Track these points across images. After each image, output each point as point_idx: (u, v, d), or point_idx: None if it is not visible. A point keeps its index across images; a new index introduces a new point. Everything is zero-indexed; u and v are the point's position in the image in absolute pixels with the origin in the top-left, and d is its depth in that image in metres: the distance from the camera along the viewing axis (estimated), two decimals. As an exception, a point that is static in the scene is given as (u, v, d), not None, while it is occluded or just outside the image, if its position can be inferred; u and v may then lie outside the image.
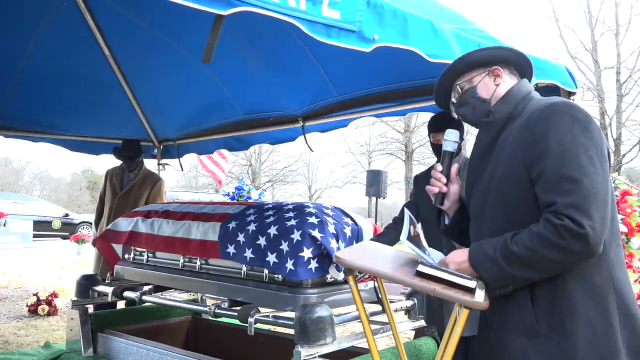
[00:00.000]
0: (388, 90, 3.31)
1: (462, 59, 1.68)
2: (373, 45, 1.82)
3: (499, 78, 1.65)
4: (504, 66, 1.66)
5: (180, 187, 31.89)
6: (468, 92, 1.68)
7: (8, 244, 14.27)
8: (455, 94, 1.71)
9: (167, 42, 3.60)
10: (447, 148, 1.76)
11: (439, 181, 1.74)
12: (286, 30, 2.94)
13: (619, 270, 1.46)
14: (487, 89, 1.66)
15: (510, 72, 1.68)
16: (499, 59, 1.66)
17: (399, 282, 1.49)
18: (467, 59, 1.67)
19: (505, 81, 1.65)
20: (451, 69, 1.70)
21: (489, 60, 1.66)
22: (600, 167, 1.38)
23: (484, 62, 1.66)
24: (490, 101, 1.65)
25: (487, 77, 1.66)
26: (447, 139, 1.77)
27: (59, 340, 4.68)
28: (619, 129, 20.95)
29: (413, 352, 2.49)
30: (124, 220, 3.13)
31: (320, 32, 1.70)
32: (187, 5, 1.42)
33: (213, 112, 4.42)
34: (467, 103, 1.69)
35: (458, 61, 1.69)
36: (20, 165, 38.35)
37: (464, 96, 1.69)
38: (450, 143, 1.76)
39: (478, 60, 1.67)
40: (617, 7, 21.27)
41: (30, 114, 4.31)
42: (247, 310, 2.14)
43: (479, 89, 1.66)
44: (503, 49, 1.68)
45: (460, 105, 1.71)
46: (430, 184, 1.76)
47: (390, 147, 29.11)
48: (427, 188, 1.77)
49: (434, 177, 1.75)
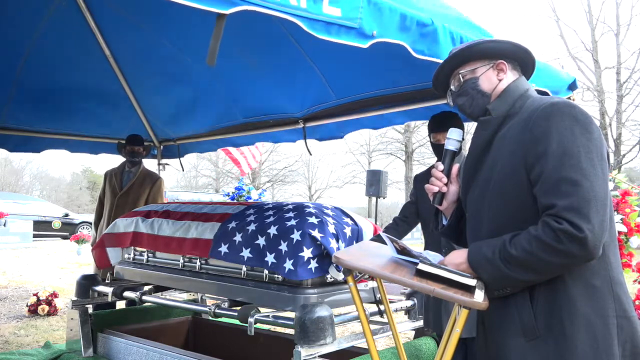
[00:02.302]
0: (386, 94, 3.31)
1: (470, 47, 1.63)
2: (371, 41, 1.81)
3: (502, 73, 1.62)
4: (508, 61, 1.64)
5: (180, 187, 31.89)
6: (469, 82, 1.64)
7: (8, 244, 14.28)
8: (455, 81, 1.68)
9: (167, 43, 3.60)
10: (449, 147, 1.74)
11: (439, 180, 1.71)
12: (283, 33, 2.94)
13: (617, 273, 1.46)
14: (489, 82, 1.62)
15: (513, 68, 1.65)
16: (506, 54, 1.63)
17: (399, 283, 1.49)
18: (474, 48, 1.63)
19: (507, 76, 1.62)
20: (455, 55, 1.65)
21: (495, 53, 1.62)
22: (600, 170, 1.37)
23: (490, 54, 1.63)
24: (490, 96, 1.62)
25: (491, 70, 1.62)
26: (449, 137, 1.74)
27: (59, 340, 4.68)
28: (619, 129, 20.93)
29: (413, 352, 2.49)
30: (123, 220, 3.13)
31: (320, 30, 1.69)
32: (188, 5, 1.42)
33: (212, 114, 4.44)
34: (467, 93, 1.65)
35: (465, 49, 1.64)
36: (20, 165, 38.35)
37: (464, 85, 1.65)
38: (453, 142, 1.74)
39: (484, 51, 1.63)
40: (617, 7, 21.28)
41: (30, 114, 4.31)
42: (247, 310, 2.14)
43: (481, 80, 1.63)
44: (511, 44, 1.63)
45: (459, 95, 1.67)
46: (430, 182, 1.73)
47: (390, 147, 29.12)
48: (427, 187, 1.74)
49: (434, 175, 1.72)
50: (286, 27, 2.89)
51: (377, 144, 29.97)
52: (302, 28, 1.65)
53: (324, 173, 43.97)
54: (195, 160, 33.01)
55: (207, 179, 35.92)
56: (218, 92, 4.07)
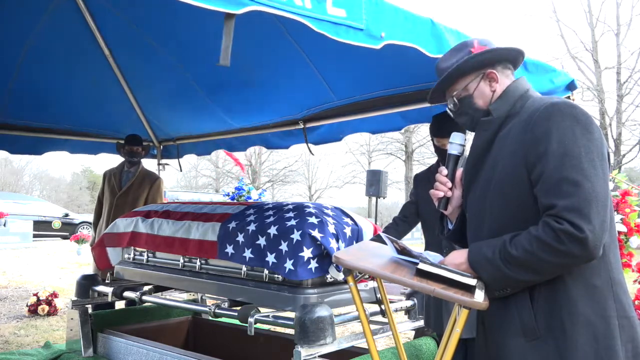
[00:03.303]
0: (385, 95, 3.31)
1: (458, 68, 1.62)
2: (382, 42, 1.82)
3: (494, 82, 1.62)
4: (497, 65, 1.63)
5: (180, 187, 31.92)
6: (465, 101, 1.65)
7: (8, 244, 14.28)
8: (450, 102, 1.69)
9: (166, 43, 3.59)
10: (453, 151, 1.73)
11: (444, 185, 1.70)
12: (284, 36, 2.93)
13: (617, 273, 1.46)
14: (483, 97, 1.62)
15: (503, 69, 1.64)
16: (492, 62, 1.63)
17: (399, 283, 1.49)
18: (461, 67, 1.62)
19: (501, 82, 1.62)
20: (444, 80, 1.65)
21: (482, 65, 1.62)
22: (600, 170, 1.37)
23: (477, 67, 1.63)
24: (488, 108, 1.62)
25: (482, 82, 1.62)
26: (452, 142, 1.74)
27: (59, 340, 4.68)
28: (619, 129, 20.94)
29: (413, 352, 2.49)
30: (122, 220, 3.13)
31: (329, 29, 1.69)
32: (198, 5, 1.41)
33: (210, 121, 4.46)
34: (466, 113, 1.66)
35: (453, 71, 1.63)
36: (20, 165, 38.32)
37: (461, 106, 1.66)
38: (456, 146, 1.73)
39: (471, 67, 1.62)
40: (618, 7, 21.28)
41: (28, 113, 4.31)
42: (247, 310, 2.14)
43: (476, 98, 1.63)
44: (494, 52, 1.63)
45: (459, 115, 1.69)
46: (434, 187, 1.73)
47: (390, 147, 29.13)
48: (432, 192, 1.73)
49: (439, 180, 1.72)
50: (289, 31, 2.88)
51: (377, 144, 29.98)
52: (312, 29, 1.64)
53: (324, 173, 44.05)
54: (195, 160, 32.99)
55: (207, 179, 35.93)
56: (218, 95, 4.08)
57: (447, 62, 1.68)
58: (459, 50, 1.67)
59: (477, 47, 1.65)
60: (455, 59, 1.65)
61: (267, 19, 1.61)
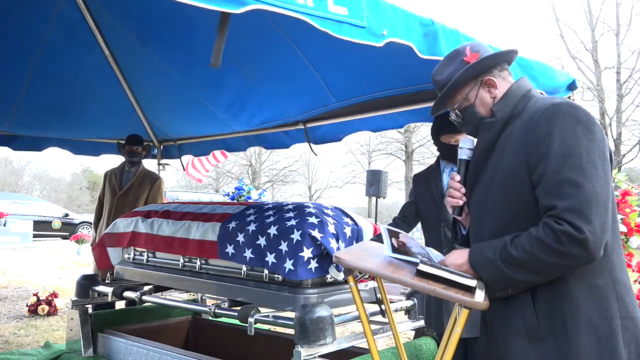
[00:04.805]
0: (384, 96, 3.30)
1: (455, 82, 1.62)
2: (384, 40, 1.82)
3: (493, 88, 1.61)
4: (493, 70, 1.62)
5: (180, 187, 31.89)
6: (467, 112, 1.65)
7: (8, 244, 14.27)
8: (453, 114, 1.69)
9: (166, 43, 3.59)
10: (463, 156, 1.72)
11: (458, 191, 1.69)
12: (283, 38, 2.93)
13: (620, 273, 1.45)
14: (484, 105, 1.62)
15: (500, 71, 1.64)
16: (488, 67, 1.62)
17: (400, 283, 1.49)
18: (458, 80, 1.62)
19: (500, 86, 1.62)
20: (444, 95, 1.66)
21: (478, 73, 1.62)
22: (602, 171, 1.37)
23: (474, 76, 1.62)
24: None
25: (481, 89, 1.62)
26: (462, 147, 1.73)
27: (59, 340, 4.68)
28: (619, 129, 20.94)
29: (413, 352, 2.49)
30: (123, 220, 3.13)
31: (332, 27, 1.69)
32: (197, 5, 1.40)
33: (210, 123, 4.46)
34: (470, 122, 1.67)
35: (451, 85, 1.63)
36: (20, 165, 38.35)
37: (465, 117, 1.66)
38: (466, 151, 1.72)
39: (468, 77, 1.62)
40: (617, 7, 21.27)
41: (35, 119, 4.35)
42: (247, 310, 2.14)
43: (477, 107, 1.63)
44: (488, 59, 1.62)
45: (463, 124, 1.70)
46: (448, 194, 1.71)
47: (390, 147, 29.14)
48: (448, 200, 1.72)
49: (452, 187, 1.70)
50: (288, 33, 2.88)
51: (377, 144, 30.00)
52: (315, 27, 1.64)
53: (324, 173, 44.06)
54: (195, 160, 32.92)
55: (207, 179, 35.92)
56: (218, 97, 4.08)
57: (442, 74, 1.68)
58: (451, 59, 1.67)
59: (469, 54, 1.64)
60: (449, 69, 1.65)
61: (267, 22, 1.60)
